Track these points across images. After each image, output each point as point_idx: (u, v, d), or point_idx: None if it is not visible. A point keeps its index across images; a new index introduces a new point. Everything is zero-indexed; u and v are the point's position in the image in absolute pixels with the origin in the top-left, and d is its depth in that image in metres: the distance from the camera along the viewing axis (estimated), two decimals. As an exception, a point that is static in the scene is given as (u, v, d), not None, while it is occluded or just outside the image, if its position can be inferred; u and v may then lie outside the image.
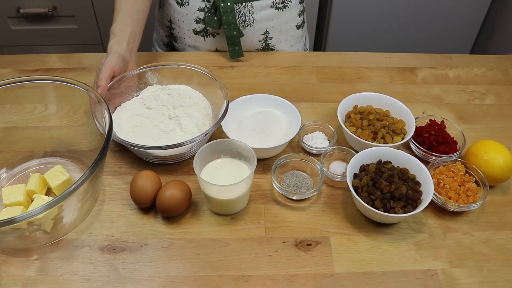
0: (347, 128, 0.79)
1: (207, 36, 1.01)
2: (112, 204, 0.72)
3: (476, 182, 0.73)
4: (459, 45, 1.88)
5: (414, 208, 0.67)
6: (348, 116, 0.84)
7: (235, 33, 0.97)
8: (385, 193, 0.68)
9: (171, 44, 1.08)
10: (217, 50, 1.04)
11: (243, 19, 0.98)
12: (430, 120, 0.83)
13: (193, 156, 0.68)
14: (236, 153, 0.72)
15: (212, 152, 0.72)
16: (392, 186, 0.68)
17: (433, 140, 0.79)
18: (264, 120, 0.81)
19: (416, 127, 0.80)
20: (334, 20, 1.73)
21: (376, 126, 0.79)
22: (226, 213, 0.71)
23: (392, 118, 0.82)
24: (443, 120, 0.83)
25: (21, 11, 1.60)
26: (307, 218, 0.71)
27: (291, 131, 0.79)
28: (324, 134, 0.83)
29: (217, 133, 0.78)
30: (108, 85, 0.78)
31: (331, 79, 0.99)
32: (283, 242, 0.67)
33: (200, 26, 1.00)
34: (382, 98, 0.85)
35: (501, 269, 0.65)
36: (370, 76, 1.00)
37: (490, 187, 0.74)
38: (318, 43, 1.92)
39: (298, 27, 1.07)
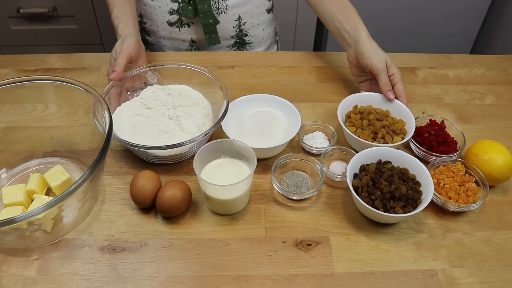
0: (347, 128, 0.79)
1: (182, 27, 1.02)
2: (112, 204, 0.72)
3: (476, 182, 0.73)
4: (459, 46, 1.88)
5: (414, 208, 0.67)
6: (348, 116, 0.84)
7: (211, 21, 0.99)
8: (385, 193, 0.68)
9: (144, 38, 1.09)
10: (192, 40, 1.05)
11: (217, 6, 0.99)
12: (430, 120, 0.83)
13: (193, 156, 0.68)
14: (236, 153, 0.72)
15: (212, 152, 0.72)
16: (392, 186, 0.68)
17: (433, 140, 0.79)
18: (264, 120, 0.81)
19: (416, 127, 0.80)
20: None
21: (376, 126, 0.79)
22: (226, 213, 0.71)
23: (392, 118, 0.82)
24: (443, 120, 0.83)
25: (21, 11, 1.60)
26: (307, 218, 0.71)
27: (291, 131, 0.79)
28: (324, 134, 0.83)
29: (217, 133, 0.78)
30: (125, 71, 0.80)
31: (331, 79, 0.99)
32: (283, 242, 0.67)
33: (175, 17, 1.01)
34: (382, 98, 0.85)
35: (501, 269, 0.65)
36: (370, 76, 1.00)
37: (490, 187, 0.74)
38: (318, 43, 1.92)
39: (268, 11, 1.10)
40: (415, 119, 0.80)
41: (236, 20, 1.03)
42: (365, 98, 0.85)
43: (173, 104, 0.81)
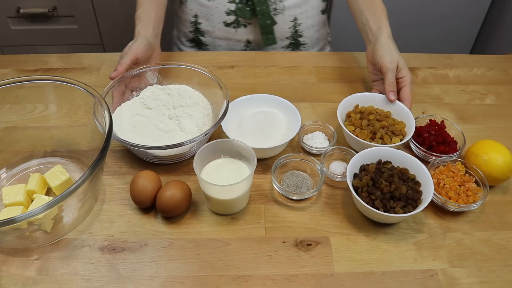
0: (346, 127, 0.79)
1: (238, 27, 1.03)
2: (112, 204, 0.72)
3: (476, 182, 0.73)
4: (459, 46, 1.88)
5: (414, 208, 0.67)
6: (348, 116, 0.84)
7: (269, 21, 0.99)
8: (385, 193, 0.68)
9: (198, 39, 1.08)
10: (248, 41, 1.05)
11: (274, 7, 1.00)
12: (430, 120, 0.83)
13: (193, 156, 0.68)
14: (236, 153, 0.72)
15: (212, 152, 0.72)
16: (392, 186, 0.68)
17: (433, 140, 0.79)
18: (264, 120, 0.81)
19: (416, 127, 0.80)
20: (334, 20, 1.73)
21: (376, 126, 0.79)
22: (226, 213, 0.71)
23: (392, 119, 0.82)
24: (443, 120, 0.83)
25: (21, 11, 1.60)
26: (307, 218, 0.71)
27: (291, 131, 0.79)
28: (324, 134, 0.83)
29: (217, 133, 0.78)
30: (126, 71, 0.81)
31: (331, 79, 0.99)
32: (283, 242, 0.67)
33: (231, 18, 1.01)
34: (383, 99, 0.85)
35: (501, 269, 0.65)
36: (370, 76, 1.00)
37: (490, 187, 0.74)
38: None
39: (323, 12, 1.10)
40: (415, 119, 0.80)
41: (292, 21, 1.03)
42: (367, 99, 0.85)
43: (173, 104, 0.81)
